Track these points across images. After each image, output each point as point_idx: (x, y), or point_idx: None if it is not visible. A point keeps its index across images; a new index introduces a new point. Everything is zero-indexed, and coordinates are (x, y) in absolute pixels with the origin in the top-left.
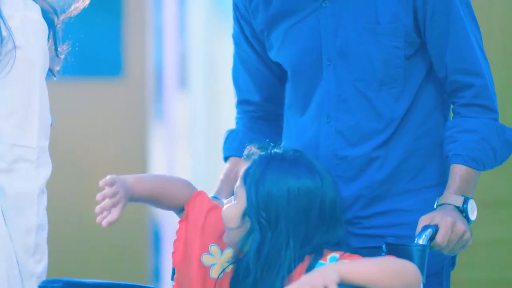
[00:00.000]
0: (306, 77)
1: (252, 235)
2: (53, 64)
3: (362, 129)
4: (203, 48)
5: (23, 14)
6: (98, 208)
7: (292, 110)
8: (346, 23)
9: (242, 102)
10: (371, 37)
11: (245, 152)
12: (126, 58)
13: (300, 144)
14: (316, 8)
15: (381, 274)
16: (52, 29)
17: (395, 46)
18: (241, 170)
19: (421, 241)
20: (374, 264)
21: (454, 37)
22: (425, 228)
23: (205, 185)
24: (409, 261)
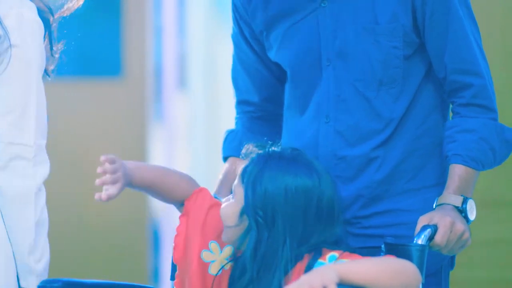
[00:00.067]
0: (305, 77)
1: (250, 234)
2: (48, 63)
3: (361, 129)
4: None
5: (19, 13)
6: (98, 181)
7: (292, 110)
8: (345, 23)
9: (241, 103)
10: (370, 37)
11: (243, 150)
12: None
13: (299, 144)
14: (315, 8)
15: (381, 274)
16: (48, 29)
17: (394, 46)
18: (239, 168)
19: (420, 241)
20: (373, 264)
21: (453, 37)
22: (424, 228)
23: (205, 185)
24: (408, 261)
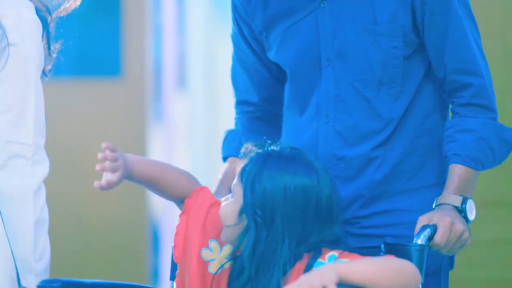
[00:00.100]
0: (305, 78)
1: (248, 233)
2: (45, 63)
3: (360, 129)
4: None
5: (18, 12)
6: (98, 166)
7: (291, 110)
8: (345, 23)
9: (241, 103)
10: (370, 37)
11: (242, 149)
12: (125, 58)
13: (298, 144)
14: (314, 9)
15: (380, 274)
16: (46, 28)
17: (394, 46)
18: (239, 168)
19: (420, 241)
20: (373, 264)
21: (453, 37)
22: (423, 228)
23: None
24: (408, 261)
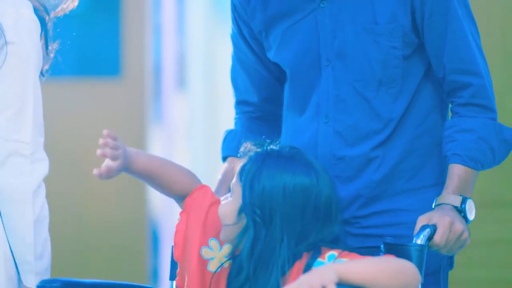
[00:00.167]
0: (305, 78)
1: (247, 232)
2: (43, 63)
3: (360, 129)
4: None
5: (16, 11)
6: (99, 151)
7: (291, 110)
8: (344, 23)
9: (240, 103)
10: (369, 37)
11: (242, 149)
12: (125, 58)
13: (298, 144)
14: (314, 9)
15: (380, 274)
16: (44, 28)
17: (393, 46)
18: (238, 167)
19: (419, 241)
20: (372, 263)
21: (452, 37)
22: (423, 228)
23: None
24: (408, 260)
